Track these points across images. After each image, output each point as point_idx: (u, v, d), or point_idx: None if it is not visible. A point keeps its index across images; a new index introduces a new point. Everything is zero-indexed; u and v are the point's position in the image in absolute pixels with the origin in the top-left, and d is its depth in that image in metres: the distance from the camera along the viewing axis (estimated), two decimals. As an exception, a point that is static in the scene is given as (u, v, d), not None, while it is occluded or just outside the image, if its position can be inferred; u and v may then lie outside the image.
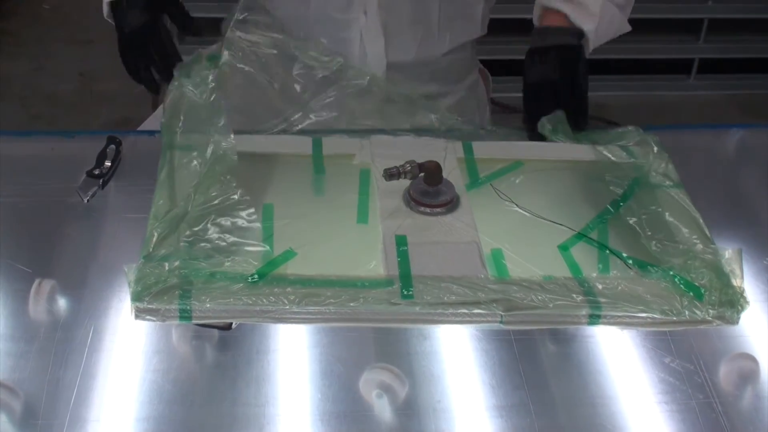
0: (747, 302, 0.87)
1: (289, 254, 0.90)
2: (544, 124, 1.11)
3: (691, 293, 0.87)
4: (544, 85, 1.12)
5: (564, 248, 0.94)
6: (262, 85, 1.15)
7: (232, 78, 1.11)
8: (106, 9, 1.12)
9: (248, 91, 1.16)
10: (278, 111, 1.14)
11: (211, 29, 1.43)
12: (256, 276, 0.86)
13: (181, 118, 1.04)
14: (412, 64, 1.23)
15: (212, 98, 1.02)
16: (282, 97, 1.15)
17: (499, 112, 1.23)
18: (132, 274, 0.84)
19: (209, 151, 0.96)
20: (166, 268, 0.85)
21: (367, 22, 1.19)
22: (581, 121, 1.13)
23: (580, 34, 1.14)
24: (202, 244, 0.89)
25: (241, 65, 1.12)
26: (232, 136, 0.97)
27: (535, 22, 1.19)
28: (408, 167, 0.97)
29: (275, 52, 1.13)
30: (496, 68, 1.52)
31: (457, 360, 0.90)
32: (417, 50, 1.22)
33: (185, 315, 0.82)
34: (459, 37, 1.27)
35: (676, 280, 0.88)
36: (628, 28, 1.20)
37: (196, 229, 0.90)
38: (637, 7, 1.20)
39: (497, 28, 1.34)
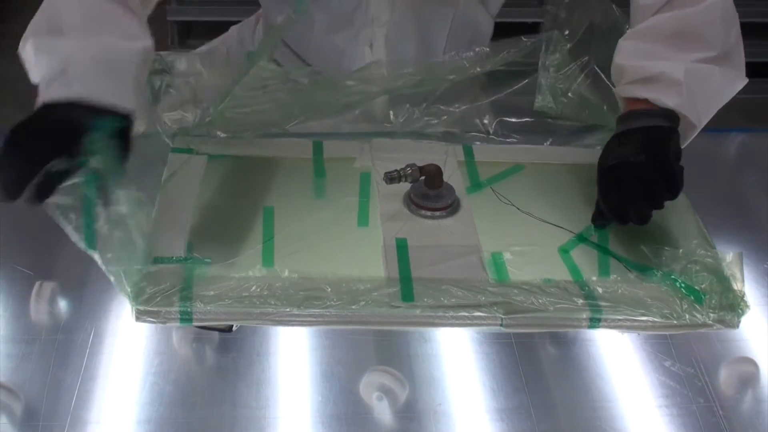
0: (748, 306, 0.87)
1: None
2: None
3: (692, 297, 0.87)
4: (622, 166, 0.91)
5: (564, 251, 0.94)
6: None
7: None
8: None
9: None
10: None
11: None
12: (256, 278, 0.86)
13: None
14: None
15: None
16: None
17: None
18: (132, 276, 0.84)
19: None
20: (167, 270, 0.85)
21: (372, 55, 1.18)
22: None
23: (671, 115, 0.94)
24: (202, 247, 0.89)
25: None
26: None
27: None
28: (408, 170, 0.97)
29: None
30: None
31: (458, 363, 0.90)
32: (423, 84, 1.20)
33: (186, 317, 0.82)
34: None
35: (676, 284, 0.88)
36: (741, 81, 0.99)
37: (196, 231, 0.91)
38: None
39: (497, 32, 1.33)
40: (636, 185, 0.90)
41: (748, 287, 0.91)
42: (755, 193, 1.19)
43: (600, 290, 0.87)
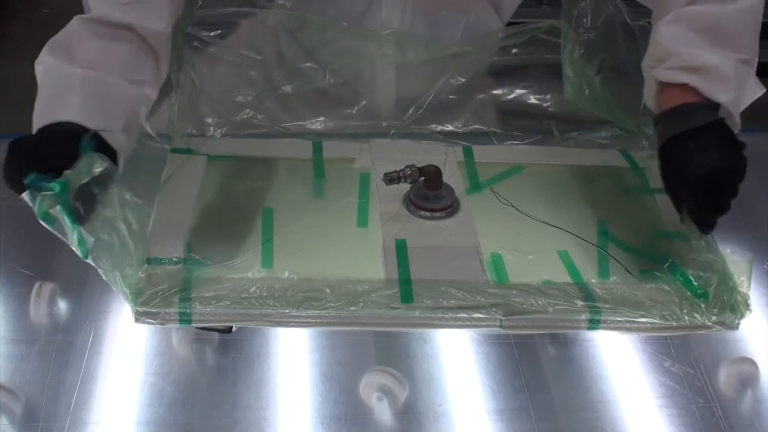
0: (750, 310, 0.87)
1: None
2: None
3: (699, 291, 0.86)
4: (717, 173, 0.86)
5: (564, 253, 0.94)
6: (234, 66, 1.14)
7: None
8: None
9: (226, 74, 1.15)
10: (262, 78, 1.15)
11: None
12: (255, 279, 0.86)
13: None
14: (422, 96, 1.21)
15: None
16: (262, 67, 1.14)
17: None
18: (131, 277, 0.84)
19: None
20: (166, 271, 0.85)
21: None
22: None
23: (716, 108, 0.90)
24: (202, 247, 0.89)
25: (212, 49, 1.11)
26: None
27: (653, 104, 0.95)
28: (408, 171, 0.97)
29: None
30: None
31: (458, 363, 0.90)
32: (429, 85, 1.18)
33: (185, 318, 0.82)
34: None
35: (681, 279, 0.87)
36: (761, 89, 0.94)
37: (195, 232, 0.91)
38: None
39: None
40: (729, 192, 0.86)
41: (748, 288, 0.92)
42: (755, 193, 1.19)
43: (599, 292, 0.87)
